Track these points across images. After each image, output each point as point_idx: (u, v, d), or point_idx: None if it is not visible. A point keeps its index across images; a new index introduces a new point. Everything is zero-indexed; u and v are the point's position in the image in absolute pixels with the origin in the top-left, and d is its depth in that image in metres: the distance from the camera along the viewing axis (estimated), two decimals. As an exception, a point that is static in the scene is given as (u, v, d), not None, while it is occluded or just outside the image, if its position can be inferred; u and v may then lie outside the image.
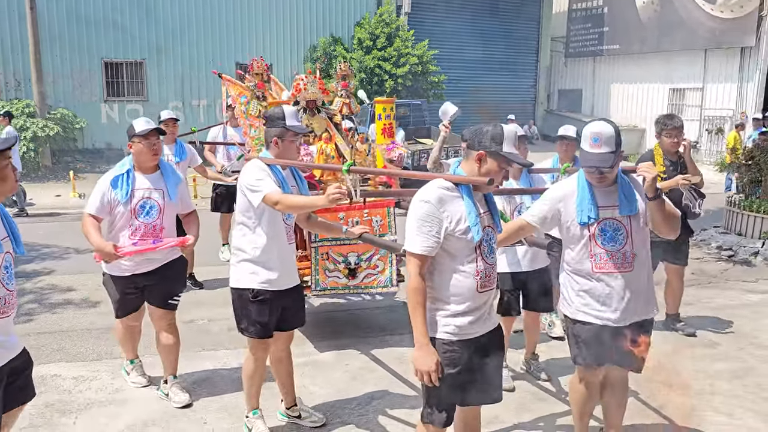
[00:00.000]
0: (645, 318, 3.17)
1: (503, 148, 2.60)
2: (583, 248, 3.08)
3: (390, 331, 5.42)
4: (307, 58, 17.94)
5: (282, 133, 3.43)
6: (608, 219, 3.03)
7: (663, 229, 3.05)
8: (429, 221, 2.59)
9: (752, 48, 16.30)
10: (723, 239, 8.48)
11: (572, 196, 3.08)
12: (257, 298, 3.45)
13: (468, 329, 2.69)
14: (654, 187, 2.92)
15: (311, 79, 5.10)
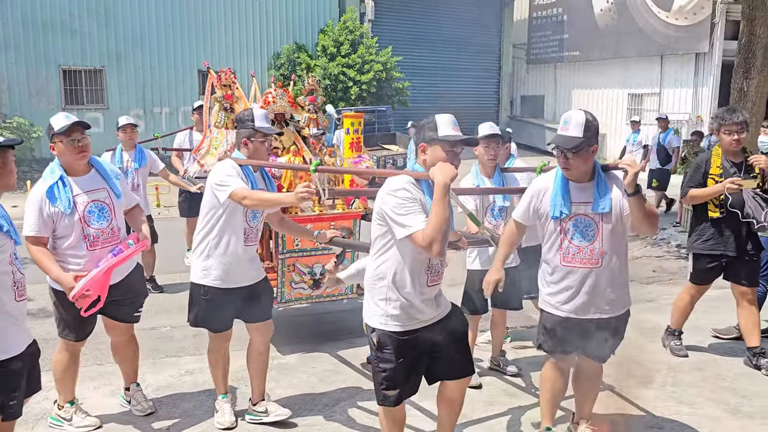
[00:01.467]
0: (612, 315, 3.21)
1: (439, 133, 2.72)
2: (555, 241, 3.16)
3: (357, 334, 5.35)
4: (270, 65, 17.86)
5: (251, 134, 3.58)
6: (580, 215, 3.09)
7: (641, 226, 3.08)
8: (412, 201, 2.69)
9: (706, 54, 16.78)
10: (682, 238, 8.68)
11: (548, 191, 3.15)
12: (207, 296, 3.57)
13: (422, 316, 2.84)
14: (634, 183, 2.93)
15: (280, 93, 5.08)
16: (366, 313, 2.92)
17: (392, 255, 2.79)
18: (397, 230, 2.68)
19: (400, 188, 2.72)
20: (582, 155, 3.02)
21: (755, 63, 8.01)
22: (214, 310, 3.60)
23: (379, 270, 2.83)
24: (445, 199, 2.64)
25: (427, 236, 2.59)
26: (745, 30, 8.13)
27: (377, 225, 2.83)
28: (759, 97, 8.08)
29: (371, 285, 2.88)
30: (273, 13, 18.07)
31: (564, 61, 21.38)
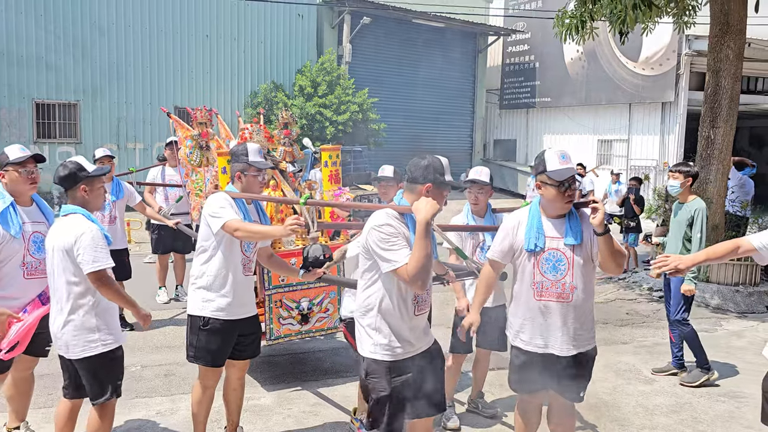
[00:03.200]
0: (581, 351, 3.22)
1: (446, 177, 2.88)
2: (527, 276, 3.19)
3: (334, 374, 5.31)
4: (247, 103, 17.93)
5: (245, 168, 3.67)
6: (553, 249, 3.14)
7: (609, 264, 3.11)
8: (395, 236, 2.78)
9: (672, 103, 17.36)
10: (653, 281, 8.81)
11: (522, 225, 3.21)
12: (207, 326, 3.56)
13: (407, 347, 2.91)
14: (602, 222, 3.00)
15: (257, 128, 5.14)
16: (358, 342, 3.00)
17: (379, 287, 2.87)
18: (382, 264, 2.79)
19: (384, 223, 2.81)
20: (574, 188, 3.12)
21: (721, 113, 8.31)
22: (214, 342, 3.58)
23: (367, 301, 2.92)
24: (427, 235, 2.71)
25: (410, 271, 2.69)
26: (710, 81, 8.46)
27: (364, 258, 2.92)
28: (725, 145, 8.36)
29: (361, 315, 2.95)
30: (251, 52, 18.22)
31: (535, 106, 21.90)
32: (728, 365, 5.72)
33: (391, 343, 2.88)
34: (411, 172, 2.92)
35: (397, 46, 20.36)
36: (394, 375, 2.89)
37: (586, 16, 8.87)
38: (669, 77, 17.15)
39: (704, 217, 5.19)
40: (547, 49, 20.62)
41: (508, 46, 22.82)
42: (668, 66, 17.12)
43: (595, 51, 18.84)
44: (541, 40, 20.81)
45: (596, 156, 19.44)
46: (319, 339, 6.20)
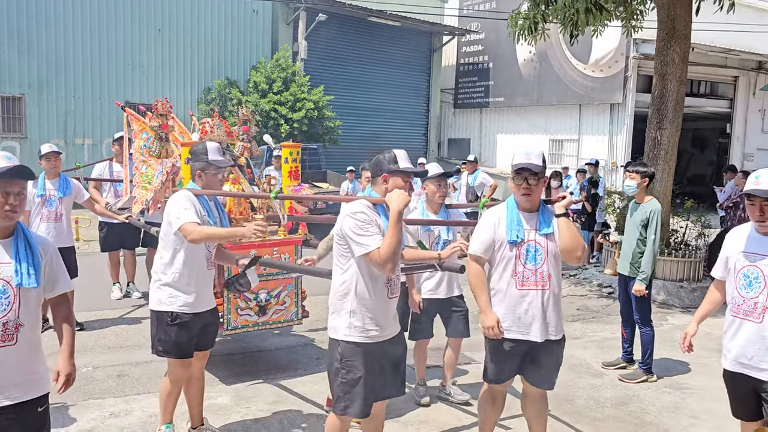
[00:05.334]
0: (556, 338, 3.41)
1: (400, 165, 3.08)
2: (509, 267, 3.35)
3: (292, 371, 5.30)
4: (201, 99, 17.64)
5: (205, 167, 3.75)
6: (531, 241, 3.33)
7: (568, 251, 3.28)
8: (368, 223, 2.98)
9: (620, 104, 17.89)
10: (603, 277, 9.08)
11: (503, 220, 3.37)
12: (176, 321, 3.63)
13: (380, 331, 3.09)
14: (563, 207, 3.31)
15: (217, 122, 5.14)
16: (332, 328, 3.13)
17: (354, 272, 3.05)
18: (355, 249, 2.98)
19: (358, 211, 3.01)
20: (540, 183, 3.31)
21: (667, 114, 8.61)
22: (183, 335, 3.66)
23: (343, 286, 3.09)
24: (399, 222, 2.93)
25: (382, 255, 2.89)
26: (657, 84, 8.75)
27: (338, 245, 3.09)
28: (670, 146, 8.67)
29: (336, 300, 3.12)
30: (204, 47, 17.92)
31: (489, 106, 22.23)
32: (674, 359, 5.95)
33: (365, 325, 3.05)
34: (372, 167, 3.22)
35: (353, 44, 20.35)
36: (367, 357, 3.05)
37: (539, 18, 9.06)
38: (617, 79, 17.67)
39: (659, 218, 5.34)
40: (500, 49, 20.96)
41: (462, 46, 23.09)
42: (617, 68, 17.64)
43: (547, 52, 19.25)
44: (494, 40, 21.13)
45: (548, 155, 19.86)
46: (277, 336, 6.18)
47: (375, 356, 3.08)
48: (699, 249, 8.78)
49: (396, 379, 3.24)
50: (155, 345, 3.72)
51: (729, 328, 3.24)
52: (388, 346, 3.14)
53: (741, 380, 3.19)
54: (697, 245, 8.79)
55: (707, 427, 4.47)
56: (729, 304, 3.26)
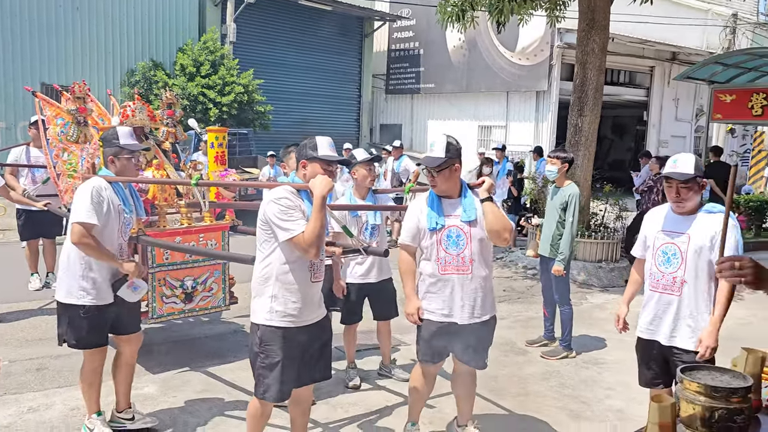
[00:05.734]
0: (484, 318, 3.55)
1: (319, 153, 3.09)
2: (432, 253, 3.46)
3: (221, 358, 5.25)
4: (124, 82, 16.97)
5: (117, 152, 3.67)
6: (452, 226, 3.43)
7: (495, 233, 3.40)
8: (292, 208, 2.98)
9: (545, 92, 18.44)
10: (528, 260, 9.40)
11: (425, 207, 3.49)
12: (88, 314, 3.58)
13: (302, 315, 3.10)
14: (486, 191, 3.43)
15: (140, 106, 4.99)
16: (253, 312, 3.14)
17: (277, 257, 3.05)
18: (279, 234, 2.98)
19: (282, 197, 3.00)
20: (444, 173, 3.40)
21: (587, 102, 8.97)
22: (96, 326, 3.62)
23: (265, 271, 3.09)
24: (323, 208, 2.96)
25: (306, 240, 2.92)
26: (578, 73, 9.09)
27: (261, 230, 3.08)
28: (590, 132, 9.05)
29: (258, 285, 3.11)
30: (127, 27, 17.22)
31: (420, 92, 22.42)
32: (592, 335, 6.26)
33: (287, 309, 3.06)
34: (296, 152, 3.27)
35: (283, 27, 20.04)
36: (287, 342, 3.07)
37: (467, 6, 9.23)
38: (543, 67, 18.18)
39: (577, 202, 5.59)
40: (431, 36, 21.13)
41: (393, 32, 23.15)
42: (542, 57, 18.13)
43: (476, 40, 19.57)
44: (425, 27, 21.29)
45: (477, 141, 20.27)
46: (206, 323, 6.11)
47: (296, 341, 3.09)
48: (617, 231, 9.23)
49: (321, 363, 3.27)
50: (68, 338, 3.65)
51: (648, 302, 3.45)
52: (311, 330, 3.16)
53: (652, 347, 3.43)
54: (615, 227, 9.23)
55: (621, 398, 4.74)
56: (648, 279, 3.46)
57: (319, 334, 3.24)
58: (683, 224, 3.29)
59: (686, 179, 3.19)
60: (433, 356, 3.60)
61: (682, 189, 3.22)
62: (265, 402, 3.16)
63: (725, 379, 1.85)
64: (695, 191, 3.25)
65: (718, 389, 1.76)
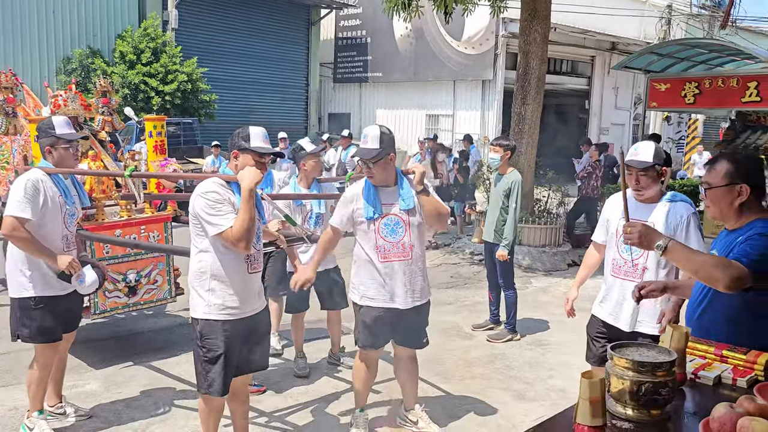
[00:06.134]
0: (422, 303, 3.64)
1: (251, 144, 3.03)
2: (370, 241, 3.50)
3: (168, 353, 5.17)
4: (60, 70, 16.35)
5: (54, 143, 3.60)
6: (390, 215, 3.49)
7: (432, 221, 3.54)
8: (220, 202, 2.93)
9: (491, 81, 18.70)
10: (475, 246, 9.56)
11: (361, 196, 3.51)
12: (39, 306, 3.54)
13: (241, 307, 3.07)
14: (421, 181, 3.47)
15: (72, 95, 4.85)
16: (191, 307, 3.11)
17: (211, 250, 3.01)
18: (208, 228, 2.94)
19: (210, 191, 2.95)
20: (380, 164, 3.44)
21: (530, 91, 9.15)
22: (49, 319, 3.57)
23: (200, 265, 3.05)
24: (251, 200, 2.91)
25: (235, 234, 2.88)
26: (521, 62, 9.26)
27: (193, 225, 3.04)
28: (534, 120, 9.25)
29: (195, 280, 3.07)
30: (62, 13, 16.57)
31: (368, 81, 22.39)
32: (535, 318, 6.44)
33: (225, 302, 3.03)
34: (229, 143, 3.19)
35: (228, 14, 19.65)
36: (228, 334, 3.04)
37: (412, -5, 9.26)
38: (488, 57, 18.41)
39: (520, 188, 5.72)
40: (378, 24, 21.09)
41: (340, 20, 23.00)
42: (488, 46, 18.36)
43: (423, 29, 19.64)
44: (372, 15, 21.22)
45: (425, 130, 20.41)
46: (151, 317, 6.00)
47: (236, 333, 3.08)
48: (560, 216, 9.49)
49: (258, 353, 3.26)
50: (20, 332, 3.61)
51: (610, 288, 3.39)
52: (250, 321, 3.14)
53: (611, 331, 3.38)
54: (558, 213, 9.48)
55: (563, 378, 4.90)
56: (609, 265, 3.42)
57: (259, 324, 3.23)
58: (645, 212, 3.26)
59: (645, 167, 3.17)
60: (374, 342, 3.65)
61: (641, 177, 3.19)
62: (210, 398, 3.14)
63: (651, 354, 1.95)
64: (654, 179, 3.22)
65: (644, 364, 1.85)
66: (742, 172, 2.40)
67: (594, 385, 1.71)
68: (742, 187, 2.39)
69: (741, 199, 2.40)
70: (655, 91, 10.66)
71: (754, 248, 2.24)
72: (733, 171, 2.40)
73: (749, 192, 2.39)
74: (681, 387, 2.06)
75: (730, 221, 2.46)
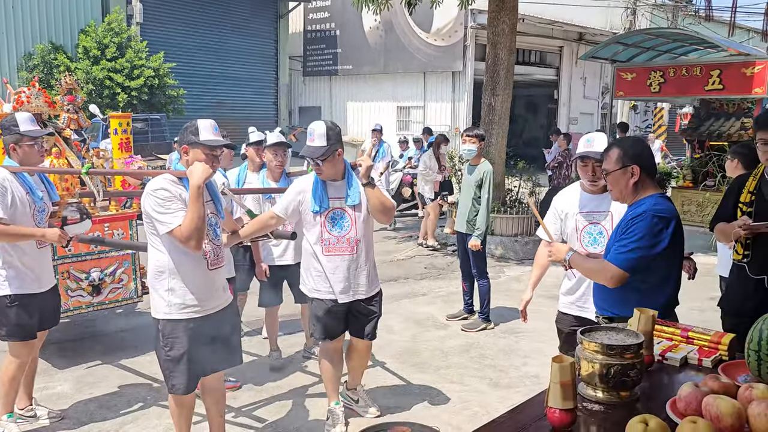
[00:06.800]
0: (370, 294, 3.69)
1: (200, 137, 2.96)
2: (316, 234, 3.52)
3: (139, 352, 5.11)
4: (21, 66, 15.96)
5: (18, 140, 3.55)
6: (337, 209, 3.51)
7: (377, 214, 3.54)
8: (172, 200, 2.89)
9: (461, 72, 18.78)
10: (450, 237, 9.61)
11: (309, 190, 3.52)
12: (14, 303, 3.52)
13: (203, 305, 3.03)
14: (367, 175, 3.44)
15: (35, 92, 4.75)
16: (152, 307, 3.07)
17: (166, 249, 2.97)
18: (158, 227, 2.90)
19: (159, 188, 2.91)
20: (329, 160, 3.44)
21: (500, 82, 9.21)
22: (24, 316, 3.55)
23: (158, 264, 3.00)
24: (200, 198, 2.86)
25: (183, 232, 2.83)
26: (490, 53, 9.31)
27: (146, 223, 3.00)
28: (503, 110, 9.31)
29: (153, 279, 3.03)
30: (23, 7, 16.15)
31: (338, 74, 22.31)
32: (509, 307, 6.51)
33: (186, 301, 2.99)
34: (178, 137, 3.15)
35: (195, 7, 19.39)
36: (190, 332, 3.01)
37: (380, -13, 9.24)
38: (458, 48, 18.48)
39: (491, 178, 5.78)
40: (346, 17, 21.01)
41: (309, 12, 22.85)
42: (457, 38, 18.43)
43: (392, 21, 19.62)
44: (340, 8, 21.13)
45: (396, 122, 20.42)
46: (121, 316, 5.92)
47: (199, 330, 3.04)
48: (531, 206, 9.58)
49: (228, 349, 3.23)
50: None
51: (580, 282, 3.35)
52: (215, 318, 3.11)
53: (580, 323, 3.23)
54: (529, 203, 9.58)
55: (536, 364, 4.97)
56: None
57: (225, 321, 3.19)
58: (602, 203, 3.27)
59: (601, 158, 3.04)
60: (329, 334, 3.69)
61: (597, 168, 3.16)
62: (178, 397, 3.12)
63: (620, 338, 1.99)
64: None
65: (612, 347, 1.89)
66: (631, 154, 2.64)
67: (564, 369, 1.73)
68: (634, 168, 2.62)
69: (634, 179, 2.63)
70: (622, 80, 10.82)
71: (624, 246, 2.58)
72: (623, 155, 2.64)
73: (640, 171, 2.63)
74: (649, 369, 2.11)
75: (629, 199, 2.70)
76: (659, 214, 2.57)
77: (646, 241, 2.55)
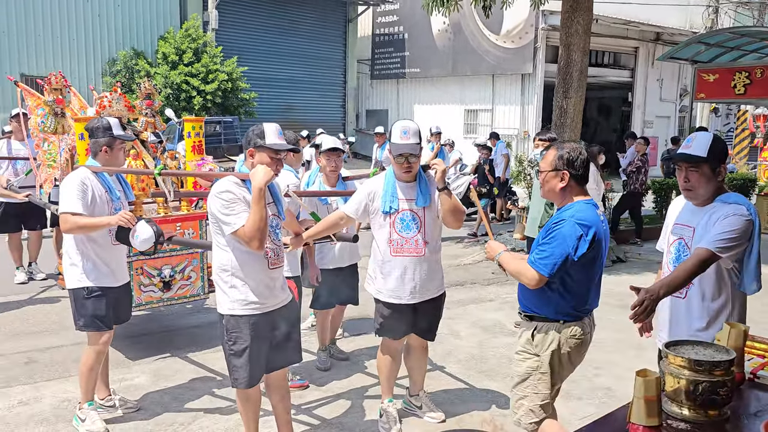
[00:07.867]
0: (436, 296, 3.71)
1: (266, 141, 3.05)
2: (385, 235, 3.55)
3: (210, 347, 5.24)
4: (105, 72, 16.79)
5: (111, 143, 3.76)
6: (406, 210, 3.51)
7: (449, 219, 3.54)
8: (236, 202, 2.96)
9: (531, 74, 18.45)
10: (515, 242, 9.44)
11: (380, 190, 3.55)
12: (91, 295, 3.70)
13: (264, 302, 3.11)
14: (442, 180, 3.45)
15: (116, 96, 4.97)
16: (217, 303, 3.17)
17: (230, 248, 3.05)
18: (224, 227, 2.99)
19: (224, 190, 2.99)
20: (419, 160, 3.52)
21: (572, 84, 8.98)
22: (100, 308, 3.72)
23: (221, 262, 3.09)
24: (261, 200, 2.93)
25: (247, 233, 2.92)
26: (563, 55, 9.09)
27: (212, 223, 3.11)
28: (576, 114, 9.07)
29: (218, 276, 3.12)
30: (107, 16, 17.00)
31: (406, 77, 22.36)
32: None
33: (247, 298, 3.07)
34: (243, 141, 3.20)
35: (266, 13, 19.89)
36: (253, 328, 3.09)
37: (451, -11, 9.18)
38: (528, 50, 18.17)
39: None
40: (415, 20, 21.04)
41: (377, 16, 23.01)
42: (527, 39, 18.12)
43: (461, 23, 19.51)
44: (409, 11, 21.19)
45: (463, 125, 20.27)
46: (193, 312, 6.10)
47: (261, 326, 3.12)
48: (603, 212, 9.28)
49: (288, 346, 3.30)
50: (76, 322, 3.79)
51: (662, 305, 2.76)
52: (276, 315, 3.19)
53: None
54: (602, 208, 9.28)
55: (609, 376, 4.79)
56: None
57: (285, 318, 3.26)
58: (695, 217, 2.74)
59: (695, 162, 2.65)
60: (390, 332, 3.72)
61: (691, 173, 2.67)
62: (242, 391, 3.20)
63: (708, 353, 1.88)
64: (709, 177, 2.65)
65: (701, 363, 1.79)
66: (566, 159, 2.74)
67: (649, 383, 1.65)
68: (564, 173, 2.75)
69: (563, 184, 2.77)
70: (703, 81, 10.36)
71: (544, 250, 2.69)
72: (557, 159, 2.76)
73: (569, 177, 2.75)
74: (739, 387, 1.99)
75: (557, 200, 2.85)
76: (580, 221, 2.67)
77: (565, 247, 2.65)
